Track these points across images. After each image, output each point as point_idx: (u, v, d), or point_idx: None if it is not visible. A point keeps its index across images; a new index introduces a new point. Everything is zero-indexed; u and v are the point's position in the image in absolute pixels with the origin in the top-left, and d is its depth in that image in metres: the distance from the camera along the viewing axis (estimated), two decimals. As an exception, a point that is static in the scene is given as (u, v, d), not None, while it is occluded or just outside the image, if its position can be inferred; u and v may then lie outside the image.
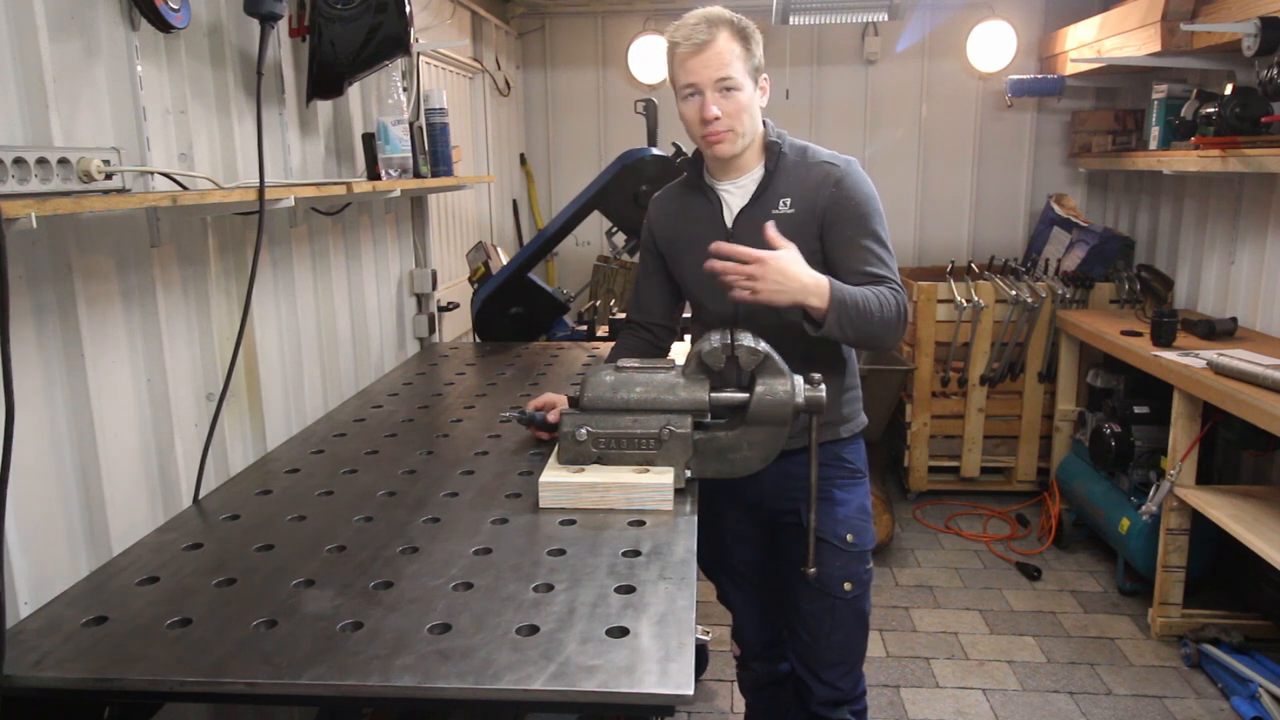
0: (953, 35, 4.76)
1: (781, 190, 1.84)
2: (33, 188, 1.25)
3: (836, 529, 1.92)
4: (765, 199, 1.85)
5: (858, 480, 1.99)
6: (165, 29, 1.60)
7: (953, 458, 4.46)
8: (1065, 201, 4.77)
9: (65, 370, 1.46)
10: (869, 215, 1.82)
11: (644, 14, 4.89)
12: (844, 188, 1.81)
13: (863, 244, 1.80)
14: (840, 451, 1.96)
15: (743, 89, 1.77)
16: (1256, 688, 2.71)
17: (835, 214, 1.81)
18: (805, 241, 1.80)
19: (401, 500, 1.68)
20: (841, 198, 1.81)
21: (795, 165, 1.86)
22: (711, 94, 1.76)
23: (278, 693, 1.14)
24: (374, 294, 2.75)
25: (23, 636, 1.21)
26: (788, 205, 1.83)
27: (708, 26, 1.74)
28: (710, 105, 1.76)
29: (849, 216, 1.81)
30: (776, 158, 1.85)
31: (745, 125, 1.79)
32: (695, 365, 1.68)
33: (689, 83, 1.77)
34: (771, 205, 1.84)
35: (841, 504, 1.94)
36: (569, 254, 4.96)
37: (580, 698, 1.08)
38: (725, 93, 1.76)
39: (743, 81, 1.76)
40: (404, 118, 2.46)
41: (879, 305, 1.73)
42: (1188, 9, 3.39)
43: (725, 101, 1.76)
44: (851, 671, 2.01)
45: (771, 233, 1.70)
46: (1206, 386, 2.80)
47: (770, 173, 1.85)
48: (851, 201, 1.81)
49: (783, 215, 1.83)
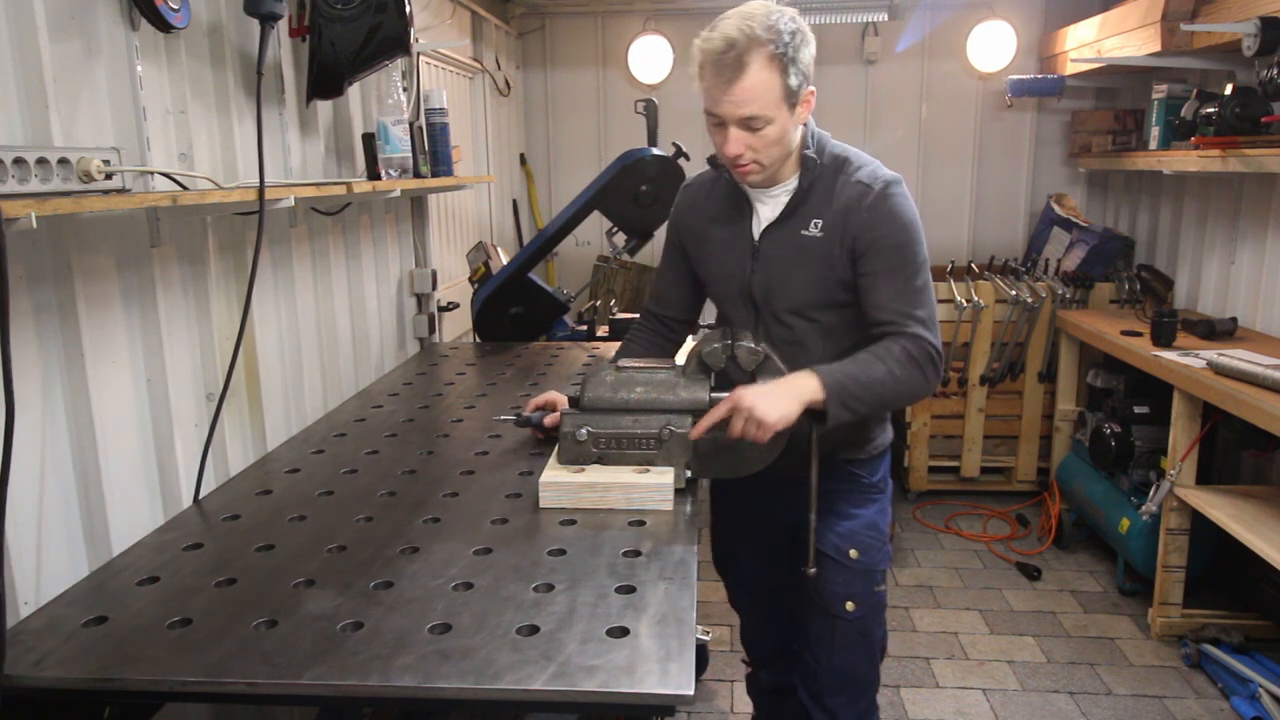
0: (953, 35, 4.76)
1: (814, 210, 1.70)
2: (33, 188, 1.25)
3: (839, 543, 1.82)
4: (796, 217, 1.71)
5: (871, 497, 1.87)
6: (165, 29, 1.60)
7: (953, 458, 4.45)
8: (1065, 201, 4.77)
9: (65, 370, 1.46)
10: (902, 246, 1.65)
11: (644, 14, 4.89)
12: (878, 214, 1.65)
13: (890, 280, 1.65)
14: (855, 469, 1.86)
15: (774, 123, 1.59)
16: (1256, 688, 2.70)
17: (866, 243, 1.65)
18: (834, 267, 1.69)
19: (402, 500, 1.68)
20: (873, 225, 1.65)
21: (831, 181, 1.70)
22: (736, 131, 1.60)
23: (278, 693, 1.15)
24: (374, 294, 2.75)
25: (23, 636, 1.21)
26: (818, 228, 1.69)
27: (739, 54, 1.53)
28: (733, 144, 1.61)
29: (879, 247, 1.65)
30: (812, 174, 1.70)
31: (775, 155, 1.64)
32: (695, 365, 1.68)
33: (713, 112, 1.61)
34: (801, 225, 1.70)
35: (848, 518, 1.84)
36: (569, 254, 4.96)
37: (580, 698, 1.08)
38: (753, 131, 1.59)
39: (773, 116, 1.58)
40: (404, 118, 2.46)
41: (887, 371, 1.60)
42: (1188, 9, 3.38)
43: (752, 138, 1.60)
44: (855, 703, 1.88)
45: (703, 425, 1.61)
46: (1206, 386, 2.80)
47: (804, 190, 1.70)
48: (884, 229, 1.65)
49: (812, 238, 1.69)
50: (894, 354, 1.62)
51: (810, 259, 1.70)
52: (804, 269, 1.71)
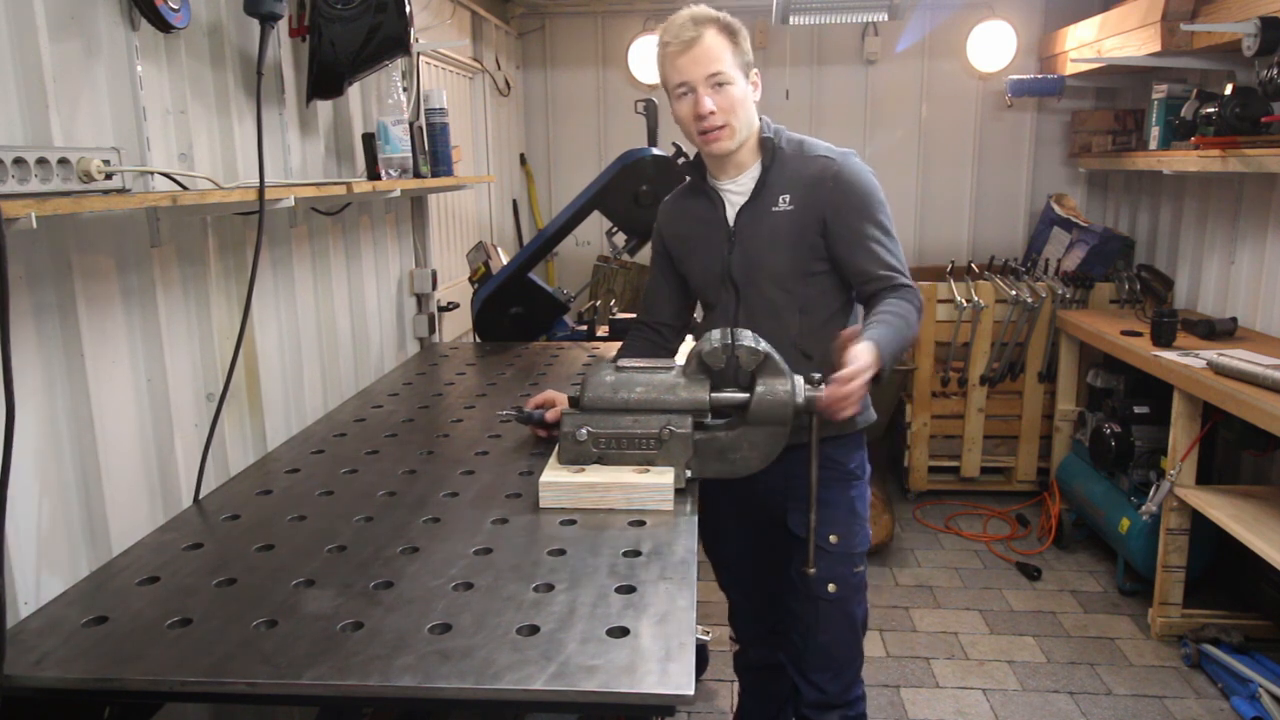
0: (953, 35, 4.76)
1: (780, 187, 1.85)
2: (33, 188, 1.25)
3: (820, 529, 1.87)
4: (764, 196, 1.86)
5: (848, 482, 1.96)
6: (165, 29, 1.60)
7: (953, 458, 4.45)
8: (1065, 201, 4.77)
9: (65, 370, 1.46)
10: (871, 206, 1.82)
11: (644, 14, 4.89)
12: (843, 180, 1.82)
13: (869, 239, 1.81)
14: (832, 452, 1.92)
15: (735, 83, 1.78)
16: (1256, 688, 2.70)
17: (836, 209, 1.81)
18: (806, 238, 1.83)
19: (402, 500, 1.68)
20: (841, 191, 1.81)
21: (792, 160, 1.86)
22: (704, 89, 1.77)
23: (278, 693, 1.14)
24: (374, 294, 2.75)
25: (23, 636, 1.21)
26: (787, 202, 1.84)
27: (694, 24, 1.76)
28: (704, 100, 1.77)
29: (851, 210, 1.81)
30: (773, 153, 1.86)
31: (740, 119, 1.81)
32: (695, 365, 1.68)
33: (681, 81, 1.79)
34: (771, 202, 1.85)
35: (827, 504, 1.90)
36: (569, 254, 4.96)
37: (580, 698, 1.08)
38: (718, 88, 1.77)
39: (734, 75, 1.78)
40: (404, 118, 2.46)
41: (908, 325, 1.73)
42: (1188, 9, 3.38)
43: (719, 97, 1.78)
44: (839, 675, 1.97)
45: (848, 345, 1.62)
46: (1206, 386, 2.80)
47: (767, 169, 1.86)
48: (853, 194, 1.81)
49: (782, 212, 1.84)
50: (905, 310, 1.75)
51: (783, 233, 1.83)
52: (779, 242, 1.85)
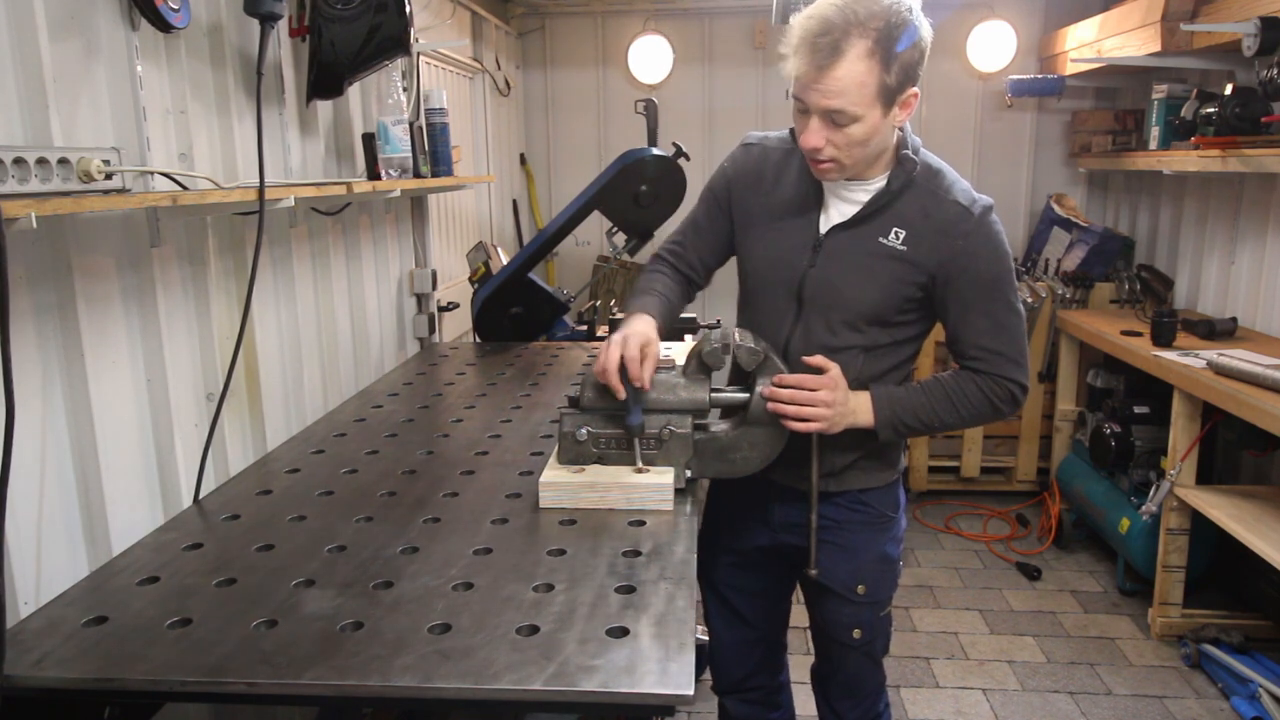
0: (953, 35, 4.76)
1: (897, 218, 1.56)
2: (33, 188, 1.25)
3: (846, 580, 1.75)
4: (875, 221, 1.57)
5: (881, 526, 1.76)
6: (165, 29, 1.60)
7: (953, 458, 4.46)
8: (1065, 201, 4.76)
9: (65, 370, 1.46)
10: (998, 280, 1.56)
11: (644, 14, 4.89)
12: (974, 244, 1.54)
13: (983, 314, 1.57)
14: (864, 497, 1.74)
15: (861, 121, 1.44)
16: (1256, 688, 2.70)
17: (957, 273, 1.55)
18: (904, 287, 1.58)
19: (401, 500, 1.68)
20: (969, 255, 1.54)
21: (922, 193, 1.57)
22: (818, 122, 1.46)
23: (278, 693, 1.14)
24: (374, 294, 2.75)
25: (23, 636, 1.21)
26: (899, 239, 1.55)
27: (835, 40, 1.39)
28: (812, 135, 1.47)
29: (971, 282, 1.55)
30: (905, 178, 1.56)
31: (856, 158, 1.51)
32: (695, 365, 1.68)
33: (799, 97, 1.47)
34: (880, 231, 1.57)
35: (856, 552, 1.74)
36: (569, 254, 4.96)
37: (580, 698, 1.08)
38: (836, 128, 1.46)
39: (863, 113, 1.43)
40: (404, 118, 2.46)
41: (951, 409, 1.58)
42: (1188, 9, 3.38)
43: (834, 134, 1.46)
44: (860, 704, 1.91)
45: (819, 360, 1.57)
46: (1206, 386, 2.80)
47: (891, 192, 1.57)
48: (982, 263, 1.55)
49: (890, 248, 1.56)
50: (968, 392, 1.60)
51: (882, 271, 1.57)
52: (873, 277, 1.59)
